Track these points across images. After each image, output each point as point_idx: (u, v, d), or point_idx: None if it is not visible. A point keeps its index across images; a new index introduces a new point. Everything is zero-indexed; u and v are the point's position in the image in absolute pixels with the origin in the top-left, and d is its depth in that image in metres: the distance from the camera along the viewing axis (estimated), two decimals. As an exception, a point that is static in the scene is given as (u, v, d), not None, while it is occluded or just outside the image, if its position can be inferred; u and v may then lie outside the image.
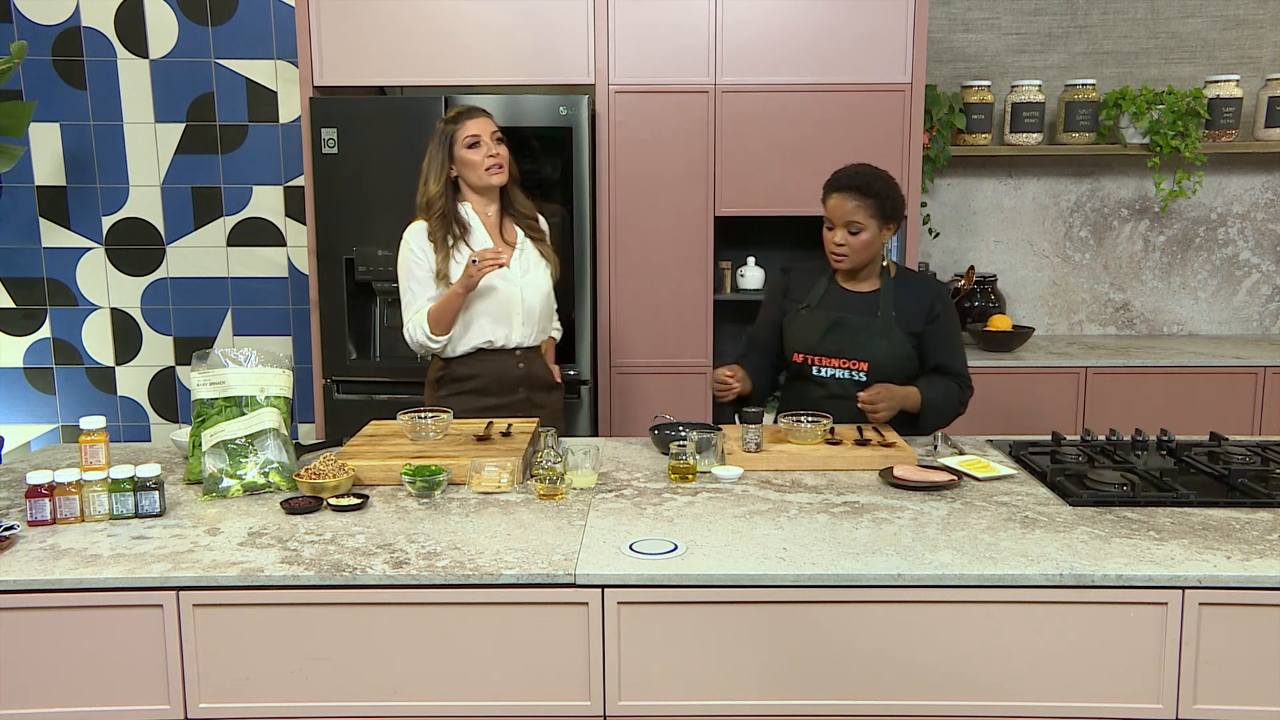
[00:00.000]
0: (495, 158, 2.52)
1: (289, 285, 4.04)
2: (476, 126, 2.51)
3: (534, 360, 2.64)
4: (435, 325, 2.51)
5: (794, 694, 1.65)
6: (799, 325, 2.49)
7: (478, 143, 2.51)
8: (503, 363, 2.60)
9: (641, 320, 3.43)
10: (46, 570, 1.64)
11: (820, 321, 2.45)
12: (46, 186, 3.96)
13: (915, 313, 2.44)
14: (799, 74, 3.31)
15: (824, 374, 2.46)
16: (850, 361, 2.43)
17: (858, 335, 2.42)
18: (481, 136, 2.51)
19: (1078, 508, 1.92)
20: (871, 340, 2.42)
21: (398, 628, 1.64)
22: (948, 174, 3.97)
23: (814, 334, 2.45)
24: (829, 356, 2.44)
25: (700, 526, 1.82)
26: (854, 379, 2.43)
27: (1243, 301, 4.06)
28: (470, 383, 2.60)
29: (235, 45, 3.86)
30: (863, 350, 2.42)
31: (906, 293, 2.46)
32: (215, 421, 2.04)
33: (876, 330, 2.42)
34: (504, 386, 2.60)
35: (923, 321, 2.44)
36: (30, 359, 4.09)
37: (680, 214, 3.39)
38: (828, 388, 2.45)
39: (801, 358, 2.47)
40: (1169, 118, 3.67)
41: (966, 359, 2.51)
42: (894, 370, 2.42)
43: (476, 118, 2.53)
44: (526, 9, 3.28)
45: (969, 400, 2.49)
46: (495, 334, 2.57)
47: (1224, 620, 1.61)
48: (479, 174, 2.53)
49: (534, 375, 2.64)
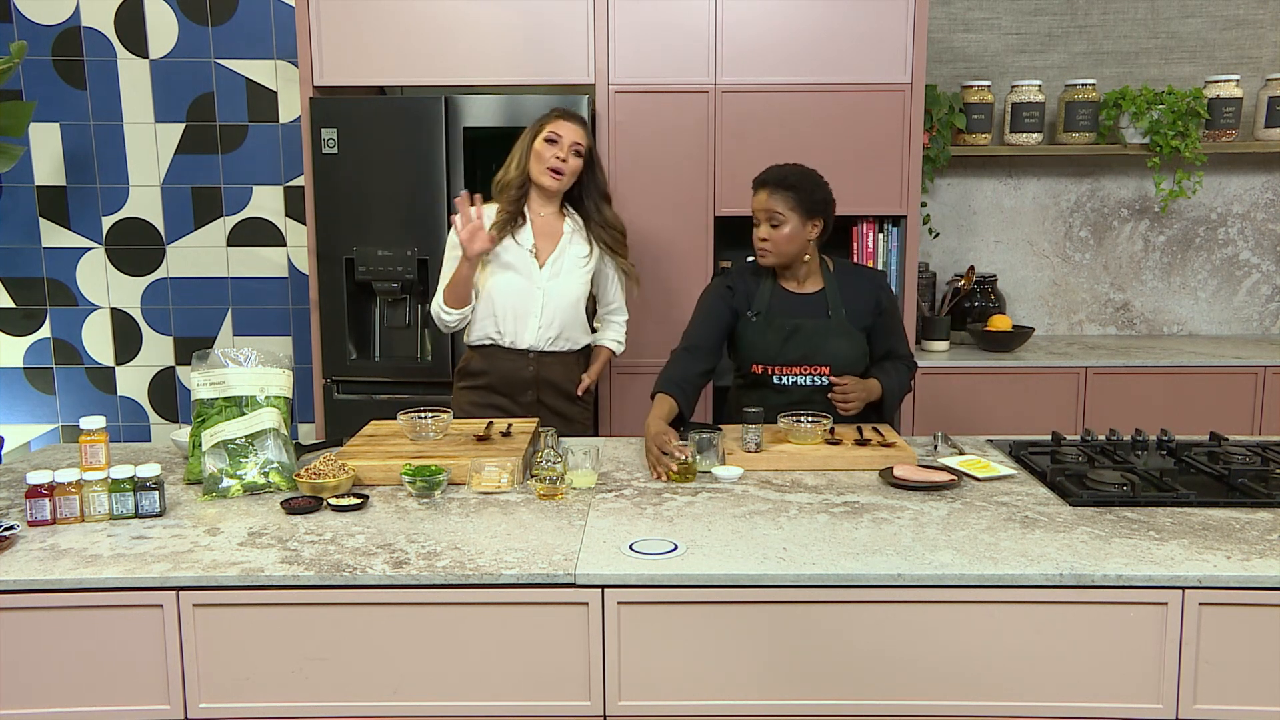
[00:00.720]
0: (562, 163, 2.56)
1: (289, 285, 4.04)
2: (563, 128, 2.57)
3: (550, 366, 2.64)
4: (447, 296, 2.58)
5: (794, 694, 1.65)
6: (754, 335, 2.47)
7: (556, 140, 2.56)
8: (513, 363, 2.62)
9: (642, 320, 3.42)
10: (46, 570, 1.64)
11: (777, 330, 2.45)
12: (46, 186, 3.97)
13: (863, 308, 2.49)
14: (799, 74, 3.31)
15: (785, 382, 2.47)
16: (812, 368, 2.45)
17: (815, 339, 2.44)
18: (563, 139, 2.56)
19: (1078, 508, 1.92)
20: (829, 343, 2.44)
21: (398, 628, 1.64)
22: (948, 174, 3.97)
23: (773, 344, 2.45)
24: (791, 365, 2.46)
25: (700, 526, 1.82)
26: (816, 384, 2.46)
27: (1243, 301, 4.06)
28: (481, 379, 2.65)
29: (235, 45, 3.86)
30: (823, 354, 2.44)
31: (850, 288, 2.50)
32: (215, 421, 2.04)
33: (833, 331, 2.45)
34: (513, 386, 2.62)
35: (872, 315, 2.49)
36: (30, 359, 4.09)
37: (680, 214, 3.39)
38: (789, 394, 2.47)
39: (762, 369, 2.47)
40: (1169, 118, 3.67)
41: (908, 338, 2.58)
42: (852, 367, 2.46)
43: (570, 121, 2.58)
44: (526, 9, 3.28)
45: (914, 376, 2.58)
46: (504, 329, 2.60)
47: (1224, 620, 1.61)
48: (540, 169, 2.58)
49: (548, 380, 2.64)
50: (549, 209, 2.65)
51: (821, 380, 2.45)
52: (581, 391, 2.72)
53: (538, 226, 2.64)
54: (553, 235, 2.65)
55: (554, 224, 2.66)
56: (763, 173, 2.46)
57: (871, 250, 3.50)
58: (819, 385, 2.46)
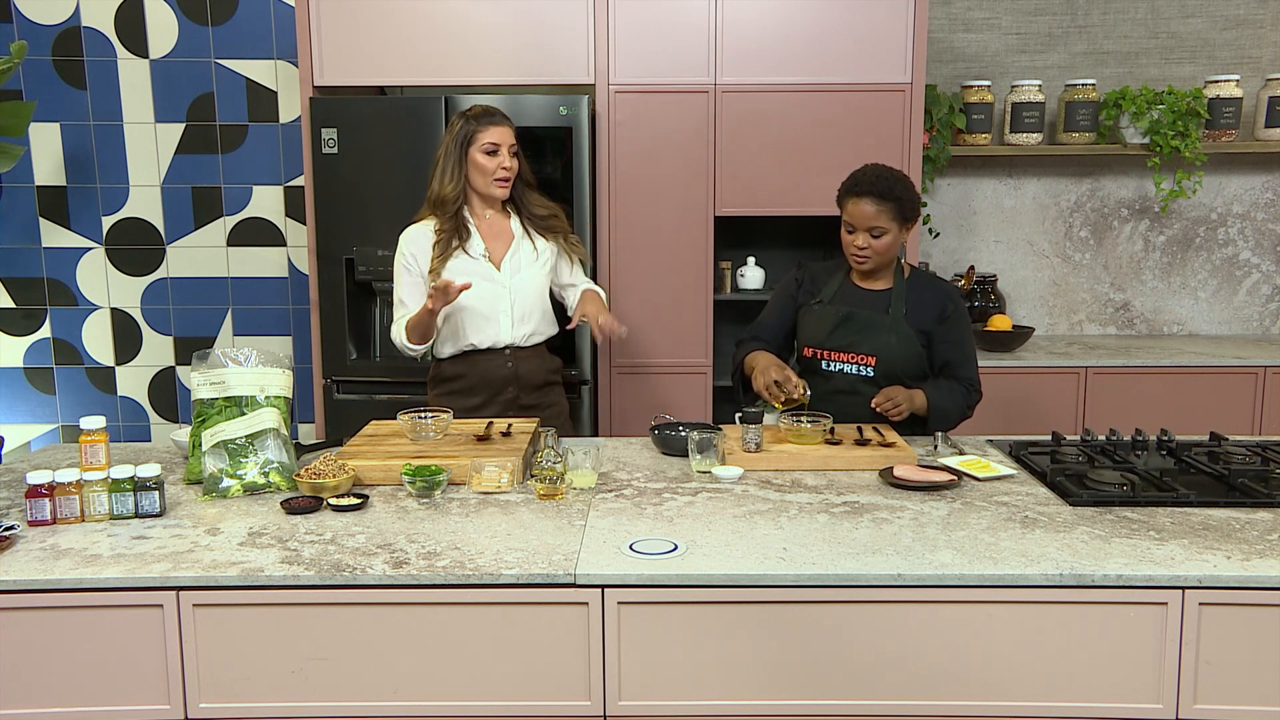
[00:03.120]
0: (506, 171, 2.53)
1: (289, 285, 4.04)
2: (498, 135, 2.52)
3: (526, 360, 2.64)
4: (411, 335, 2.53)
5: (794, 694, 1.65)
6: (811, 319, 2.51)
7: (495, 151, 2.52)
8: (490, 363, 2.60)
9: (642, 320, 3.43)
10: (47, 570, 1.64)
11: (830, 316, 2.47)
12: (46, 186, 3.96)
13: (926, 311, 2.45)
14: (799, 74, 3.31)
15: (832, 368, 2.47)
16: (858, 356, 2.44)
17: (866, 330, 2.43)
18: (501, 146, 2.52)
19: (1078, 508, 1.92)
20: (879, 335, 2.42)
21: (398, 628, 1.64)
22: (948, 174, 3.97)
23: (824, 328, 2.47)
24: (838, 351, 2.46)
25: (700, 526, 1.82)
26: (861, 374, 2.44)
27: (1243, 301, 4.06)
28: (458, 382, 2.62)
29: (235, 45, 3.86)
30: (870, 344, 2.42)
31: (919, 292, 2.47)
32: (215, 421, 2.04)
33: (885, 325, 2.43)
34: (491, 386, 2.60)
35: (934, 320, 2.45)
36: (30, 359, 4.09)
37: (680, 214, 3.39)
38: (835, 382, 2.46)
39: (811, 352, 2.49)
40: (1169, 117, 3.67)
41: (978, 364, 2.50)
42: (901, 367, 2.43)
43: (500, 126, 2.53)
44: (527, 9, 3.28)
45: (976, 405, 2.48)
46: (483, 335, 2.58)
47: (1224, 620, 1.61)
48: (486, 182, 2.54)
49: (524, 375, 2.63)
50: (492, 210, 2.61)
51: (866, 371, 2.43)
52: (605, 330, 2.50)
53: (485, 230, 2.59)
54: (502, 235, 2.62)
55: (501, 224, 2.62)
56: (860, 181, 2.39)
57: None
58: (863, 375, 2.43)
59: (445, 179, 2.54)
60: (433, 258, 2.53)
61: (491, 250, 2.59)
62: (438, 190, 2.55)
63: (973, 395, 2.47)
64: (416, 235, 2.57)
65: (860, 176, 2.40)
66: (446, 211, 2.55)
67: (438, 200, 2.56)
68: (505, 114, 2.57)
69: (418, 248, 2.55)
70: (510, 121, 2.56)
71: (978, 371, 2.49)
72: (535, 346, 2.66)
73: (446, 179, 2.54)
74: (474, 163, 2.53)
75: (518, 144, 2.57)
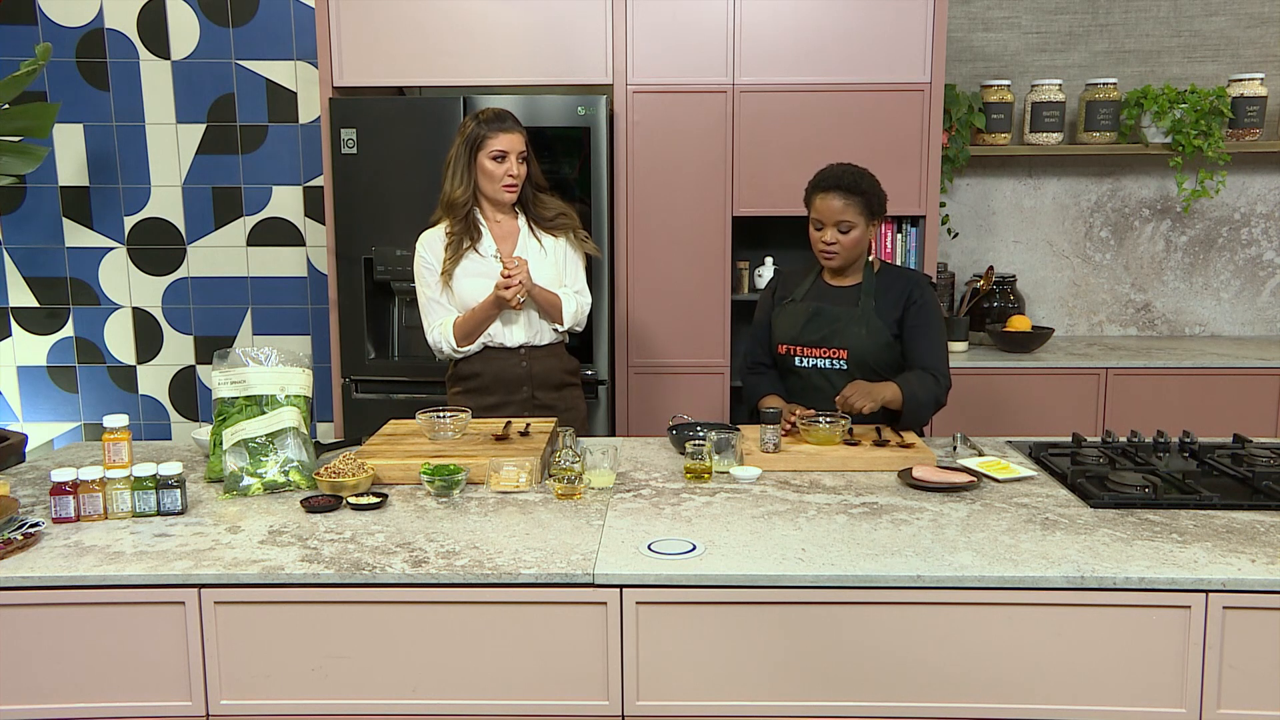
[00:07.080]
0: (514, 177, 2.55)
1: (308, 285, 4.06)
2: (505, 143, 2.52)
3: (541, 359, 2.64)
4: (463, 338, 2.56)
5: (812, 695, 1.64)
6: (784, 317, 2.55)
7: (502, 158, 2.53)
8: (505, 361, 2.61)
9: (659, 320, 3.43)
10: (70, 567, 1.66)
11: (801, 312, 2.51)
12: (70, 187, 4.00)
13: (894, 300, 2.47)
14: (818, 74, 3.30)
15: (805, 364, 2.50)
16: (830, 350, 2.47)
17: (836, 324, 2.46)
18: (508, 154, 2.53)
19: (1099, 510, 1.90)
20: (849, 328, 2.45)
21: (417, 626, 1.65)
22: (967, 174, 3.95)
23: (795, 325, 2.51)
24: (810, 346, 2.49)
25: (718, 527, 1.82)
26: (834, 368, 2.47)
27: (1266, 302, 4.02)
28: (474, 381, 2.63)
29: (256, 46, 3.88)
30: (841, 339, 2.45)
31: (887, 284, 2.50)
32: (236, 420, 2.06)
33: (855, 319, 2.45)
34: (506, 385, 2.62)
35: (901, 308, 2.46)
36: (53, 358, 4.13)
37: (698, 214, 3.38)
38: (808, 378, 2.49)
39: (785, 349, 2.52)
40: (1191, 117, 3.63)
41: (947, 353, 2.49)
42: (873, 359, 2.45)
43: (509, 133, 2.53)
44: (545, 9, 3.29)
45: (947, 394, 2.45)
46: (494, 334, 2.59)
47: (1248, 624, 1.60)
48: (494, 187, 2.56)
49: (539, 374, 2.64)
50: (502, 213, 2.63)
51: (840, 364, 2.46)
52: (510, 270, 2.46)
53: (495, 232, 2.61)
54: (510, 235, 2.63)
55: (509, 225, 2.64)
56: (826, 177, 2.43)
57: (890, 250, 3.49)
58: (838, 369, 2.46)
59: (455, 182, 2.57)
60: (445, 258, 2.55)
61: (503, 250, 2.60)
62: (449, 193, 2.58)
63: (941, 383, 2.44)
64: (432, 240, 2.60)
65: (826, 173, 2.44)
66: (457, 214, 2.58)
67: (449, 203, 2.59)
68: (516, 118, 2.57)
69: (434, 252, 2.58)
70: (520, 127, 2.56)
71: (946, 361, 2.47)
72: (550, 346, 2.66)
73: (456, 182, 2.56)
74: (482, 168, 2.54)
75: (528, 148, 2.58)
